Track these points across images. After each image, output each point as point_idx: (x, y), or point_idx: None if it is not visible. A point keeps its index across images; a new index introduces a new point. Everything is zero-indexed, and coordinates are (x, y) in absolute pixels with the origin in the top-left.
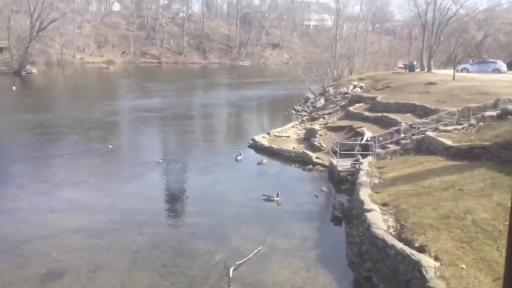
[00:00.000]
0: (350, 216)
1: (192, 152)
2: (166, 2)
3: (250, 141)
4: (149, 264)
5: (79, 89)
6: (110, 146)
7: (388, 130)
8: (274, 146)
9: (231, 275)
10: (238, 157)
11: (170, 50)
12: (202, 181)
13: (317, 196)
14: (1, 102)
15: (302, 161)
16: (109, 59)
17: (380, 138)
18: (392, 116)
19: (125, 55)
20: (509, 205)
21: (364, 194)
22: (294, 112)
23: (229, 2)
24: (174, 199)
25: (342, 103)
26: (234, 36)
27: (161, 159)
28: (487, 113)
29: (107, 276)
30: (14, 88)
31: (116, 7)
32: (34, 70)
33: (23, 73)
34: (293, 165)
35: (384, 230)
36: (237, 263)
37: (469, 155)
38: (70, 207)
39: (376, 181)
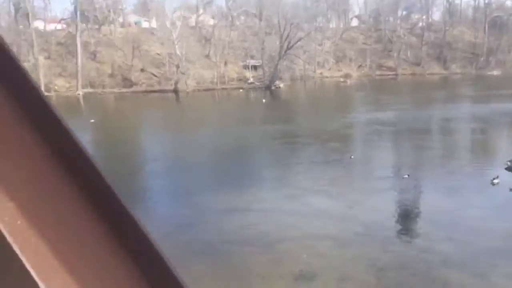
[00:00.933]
0: None
1: (435, 170)
2: (405, 13)
3: (509, 163)
4: (397, 286)
5: (318, 102)
6: (352, 157)
7: None
8: None
9: None
10: (495, 180)
11: (407, 61)
12: (450, 203)
13: None
14: (253, 113)
15: None
16: (346, 73)
17: None
18: None
19: (361, 69)
20: None
21: None
22: None
23: (475, 6)
24: (419, 219)
25: None
26: (481, 43)
27: (408, 175)
28: None
29: None
30: (264, 100)
31: (355, 22)
32: (281, 85)
33: (272, 88)
34: None
35: None
36: None
37: None
38: (314, 213)
39: None
